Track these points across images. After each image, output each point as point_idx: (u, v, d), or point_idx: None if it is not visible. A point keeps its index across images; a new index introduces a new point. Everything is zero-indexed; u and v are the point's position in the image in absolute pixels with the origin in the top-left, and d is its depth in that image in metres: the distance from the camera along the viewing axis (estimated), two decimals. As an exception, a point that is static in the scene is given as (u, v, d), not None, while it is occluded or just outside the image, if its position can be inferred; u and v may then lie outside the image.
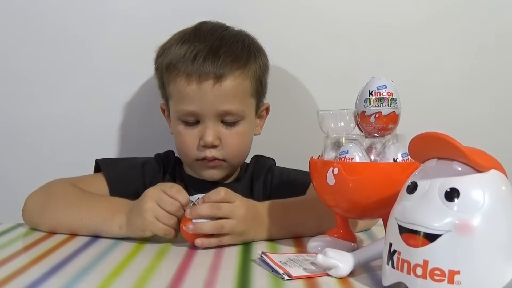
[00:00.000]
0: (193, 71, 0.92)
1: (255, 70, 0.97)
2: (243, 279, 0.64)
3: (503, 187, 0.54)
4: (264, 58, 1.01)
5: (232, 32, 0.99)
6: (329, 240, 0.75)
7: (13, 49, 1.19)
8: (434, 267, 0.52)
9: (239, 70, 0.93)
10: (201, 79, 0.91)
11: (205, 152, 0.94)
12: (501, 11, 1.17)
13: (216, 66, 0.91)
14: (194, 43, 0.94)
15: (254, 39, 1.01)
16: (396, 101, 0.72)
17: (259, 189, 1.01)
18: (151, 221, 0.77)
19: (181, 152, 0.99)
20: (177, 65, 0.93)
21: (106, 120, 1.19)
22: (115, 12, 1.17)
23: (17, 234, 0.89)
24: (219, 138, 0.94)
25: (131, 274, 0.66)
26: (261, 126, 1.04)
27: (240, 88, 0.94)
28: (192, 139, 0.95)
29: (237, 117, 0.94)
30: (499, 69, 1.18)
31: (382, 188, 0.68)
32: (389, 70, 1.08)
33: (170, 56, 0.95)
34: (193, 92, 0.92)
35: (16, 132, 1.20)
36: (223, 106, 0.92)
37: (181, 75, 0.93)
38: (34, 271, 0.68)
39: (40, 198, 0.90)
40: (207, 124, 0.93)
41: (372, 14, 1.17)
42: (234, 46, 0.95)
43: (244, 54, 0.96)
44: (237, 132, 0.95)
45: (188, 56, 0.92)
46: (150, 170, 1.02)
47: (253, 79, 0.96)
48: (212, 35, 0.96)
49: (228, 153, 0.95)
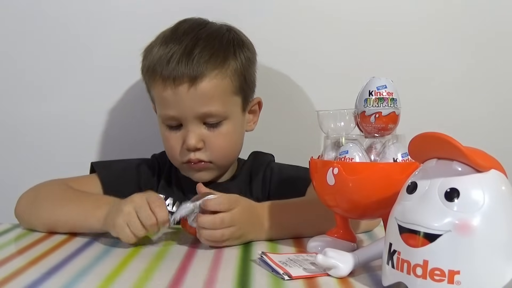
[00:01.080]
0: (167, 75, 0.90)
1: (235, 67, 0.93)
2: (243, 279, 0.64)
3: (503, 187, 0.54)
4: (247, 52, 0.97)
5: (211, 29, 0.96)
6: (329, 240, 0.75)
7: (13, 49, 1.19)
8: (434, 267, 0.52)
9: (216, 70, 0.91)
10: (176, 83, 0.89)
11: (189, 155, 0.93)
12: (501, 11, 1.17)
13: (190, 68, 0.89)
14: (170, 45, 0.92)
15: (236, 32, 0.98)
16: (396, 101, 0.72)
17: (257, 186, 1.00)
18: (120, 224, 0.76)
19: (169, 156, 0.98)
20: (155, 68, 0.92)
21: (106, 120, 1.19)
22: (115, 12, 1.17)
23: (16, 234, 0.89)
24: (202, 140, 0.92)
25: (131, 275, 0.66)
26: (255, 121, 1.02)
27: (219, 88, 0.91)
28: (175, 143, 0.94)
29: (219, 117, 0.92)
30: (499, 69, 1.18)
31: (382, 188, 0.68)
32: (389, 70, 1.08)
33: (150, 59, 0.94)
34: (170, 96, 0.90)
35: (16, 132, 1.20)
36: (201, 109, 0.90)
37: (157, 80, 0.91)
38: (33, 272, 0.68)
39: (29, 198, 0.91)
40: (189, 127, 0.92)
41: (372, 14, 1.17)
42: (210, 45, 0.92)
43: (221, 52, 0.93)
44: (220, 133, 0.93)
45: (163, 59, 0.91)
46: (145, 171, 1.01)
47: (235, 76, 0.93)
48: (188, 35, 0.93)
49: (213, 155, 0.94)
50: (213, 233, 0.76)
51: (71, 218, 0.85)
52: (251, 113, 1.01)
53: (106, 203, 0.82)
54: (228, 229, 0.76)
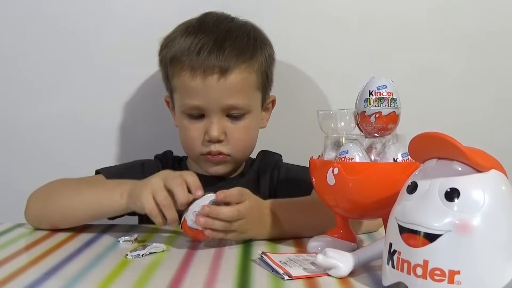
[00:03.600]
0: (197, 65, 0.90)
1: (261, 63, 0.95)
2: (243, 279, 0.64)
3: (503, 187, 0.54)
4: (270, 50, 1.00)
5: (238, 24, 0.98)
6: (329, 240, 0.75)
7: (13, 49, 1.19)
8: (434, 267, 0.52)
9: (245, 64, 0.92)
10: (206, 73, 0.90)
11: (210, 147, 0.93)
12: (501, 10, 1.17)
13: (221, 60, 0.90)
14: (199, 36, 0.92)
15: (260, 30, 1.00)
16: (396, 101, 0.72)
17: (265, 185, 1.00)
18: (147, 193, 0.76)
19: (186, 146, 0.98)
20: (182, 58, 0.92)
21: (106, 120, 1.19)
22: (116, 12, 1.17)
23: (17, 234, 0.89)
24: (224, 132, 0.93)
25: (131, 274, 0.66)
26: (267, 119, 1.04)
27: (246, 82, 0.93)
28: (197, 133, 0.94)
29: (242, 111, 0.94)
30: (499, 69, 1.18)
31: (382, 188, 0.68)
32: (389, 70, 1.08)
33: (175, 49, 0.94)
34: (198, 86, 0.91)
35: (16, 132, 1.20)
36: (228, 101, 0.91)
37: (185, 69, 0.91)
38: (34, 271, 0.68)
39: (42, 195, 0.90)
40: (212, 118, 0.92)
41: (372, 14, 1.17)
42: (240, 39, 0.94)
43: (250, 46, 0.94)
44: (242, 127, 0.94)
45: (192, 49, 0.91)
46: (149, 170, 1.01)
47: (259, 72, 0.95)
48: (217, 27, 0.94)
49: (233, 148, 0.94)
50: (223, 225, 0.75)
51: (92, 201, 0.84)
52: (265, 111, 1.02)
53: (127, 182, 0.82)
54: (238, 221, 0.76)
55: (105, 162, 1.04)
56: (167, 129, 1.06)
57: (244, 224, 0.77)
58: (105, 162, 1.04)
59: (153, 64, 1.02)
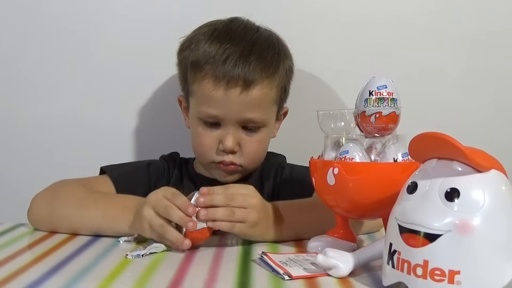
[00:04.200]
0: (221, 75, 0.89)
1: (281, 77, 0.95)
2: (243, 279, 0.64)
3: (503, 187, 0.54)
4: (290, 63, 0.99)
5: (264, 35, 0.97)
6: (329, 240, 0.75)
7: (13, 49, 1.19)
8: (434, 267, 0.52)
9: (268, 79, 0.92)
10: (229, 85, 0.89)
11: (224, 157, 0.93)
12: (501, 10, 1.17)
13: (246, 72, 0.89)
14: (225, 44, 0.91)
15: (283, 42, 0.99)
16: (396, 101, 0.72)
17: (269, 186, 1.00)
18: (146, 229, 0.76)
19: (198, 152, 0.98)
20: (205, 66, 0.90)
21: (106, 120, 1.19)
22: (116, 12, 1.17)
23: (17, 234, 0.89)
24: (238, 144, 0.93)
25: (131, 274, 0.66)
26: (277, 128, 1.04)
27: (267, 97, 0.93)
28: (211, 141, 0.94)
29: (259, 124, 0.94)
30: (499, 69, 1.18)
31: (382, 188, 0.68)
32: (389, 70, 1.08)
33: (198, 53, 0.92)
34: (219, 97, 0.90)
35: (16, 132, 1.20)
36: (247, 114, 0.91)
37: (208, 77, 0.90)
38: (34, 271, 0.68)
39: (47, 198, 0.89)
40: (228, 129, 0.92)
41: (372, 14, 1.17)
42: (265, 52, 0.93)
43: (274, 61, 0.93)
44: (257, 140, 0.94)
45: (218, 58, 0.90)
46: (155, 171, 1.01)
47: (279, 87, 0.95)
48: (244, 36, 0.93)
49: (246, 160, 0.94)
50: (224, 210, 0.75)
51: (98, 223, 0.83)
52: (277, 121, 1.02)
53: (132, 205, 0.81)
54: (240, 209, 0.75)
55: (105, 162, 1.04)
56: (167, 130, 1.06)
57: (250, 213, 0.76)
58: (105, 162, 1.04)
59: (153, 64, 1.02)
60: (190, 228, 0.74)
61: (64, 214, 0.86)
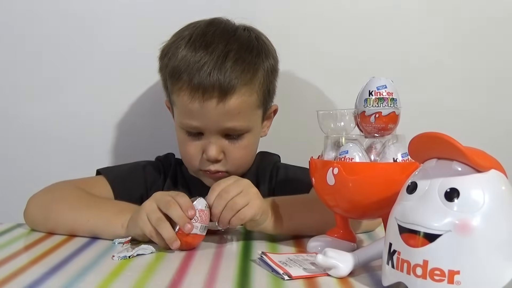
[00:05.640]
0: (196, 86, 0.87)
1: (262, 80, 0.93)
2: (243, 279, 0.64)
3: (503, 187, 0.54)
4: (272, 61, 0.96)
5: (241, 38, 0.93)
6: (329, 240, 0.75)
7: (13, 49, 1.19)
8: (434, 267, 0.52)
9: (246, 86, 0.90)
10: (205, 97, 0.88)
11: (209, 166, 0.93)
12: (501, 10, 1.17)
13: (221, 81, 0.87)
14: (200, 53, 0.89)
15: (263, 40, 0.97)
16: (396, 101, 0.72)
17: (264, 186, 1.00)
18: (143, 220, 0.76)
19: (185, 159, 0.98)
20: (182, 75, 0.89)
21: (106, 120, 1.19)
22: (116, 12, 1.17)
23: (17, 234, 0.89)
24: (222, 152, 0.93)
25: (131, 274, 0.66)
26: (268, 126, 1.03)
27: (246, 104, 0.91)
28: (195, 151, 0.93)
29: (242, 131, 0.93)
30: (499, 69, 1.18)
31: (382, 188, 0.68)
32: (389, 70, 1.08)
33: (175, 61, 0.91)
34: (196, 109, 0.89)
35: (16, 132, 1.20)
36: (226, 124, 0.90)
37: (184, 90, 0.89)
38: (34, 271, 0.68)
39: (44, 200, 0.89)
40: (210, 138, 0.92)
41: (372, 14, 1.17)
42: (241, 58, 0.90)
43: (252, 66, 0.91)
44: (241, 146, 0.93)
45: (192, 67, 0.88)
46: (151, 172, 1.01)
47: (260, 91, 0.93)
48: (219, 43, 0.90)
49: (232, 166, 0.94)
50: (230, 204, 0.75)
51: (94, 227, 0.83)
52: (266, 120, 1.01)
53: (128, 208, 0.82)
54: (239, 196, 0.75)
55: (105, 162, 1.04)
56: (167, 130, 1.06)
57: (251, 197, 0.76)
58: (105, 162, 1.04)
59: (153, 64, 1.02)
60: (187, 230, 0.74)
61: (60, 216, 0.86)
